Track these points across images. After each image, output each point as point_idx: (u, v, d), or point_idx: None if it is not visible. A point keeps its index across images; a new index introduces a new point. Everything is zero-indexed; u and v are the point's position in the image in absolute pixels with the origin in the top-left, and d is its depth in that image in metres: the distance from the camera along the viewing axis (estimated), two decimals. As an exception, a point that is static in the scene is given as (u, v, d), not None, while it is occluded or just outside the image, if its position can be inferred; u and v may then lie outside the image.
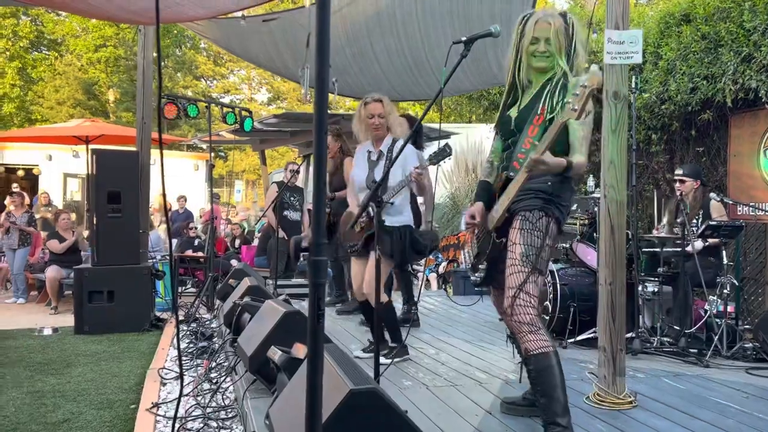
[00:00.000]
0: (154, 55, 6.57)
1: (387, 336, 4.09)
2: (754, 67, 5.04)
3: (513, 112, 2.73)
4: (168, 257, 7.93)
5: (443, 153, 3.61)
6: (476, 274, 2.85)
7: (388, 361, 3.82)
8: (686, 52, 5.69)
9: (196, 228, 9.57)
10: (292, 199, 7.52)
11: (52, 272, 7.49)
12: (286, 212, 7.41)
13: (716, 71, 5.37)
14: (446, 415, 3.03)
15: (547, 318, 4.80)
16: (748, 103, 5.37)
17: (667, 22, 6.12)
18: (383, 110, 4.03)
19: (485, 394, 3.40)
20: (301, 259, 6.92)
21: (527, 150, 2.52)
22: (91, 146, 9.16)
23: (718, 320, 4.54)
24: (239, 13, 5.73)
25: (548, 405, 2.46)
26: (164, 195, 2.38)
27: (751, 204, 5.30)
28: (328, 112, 1.19)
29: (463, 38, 2.60)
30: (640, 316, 4.78)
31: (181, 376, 2.31)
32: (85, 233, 8.97)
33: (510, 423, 2.91)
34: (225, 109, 6.67)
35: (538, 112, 2.57)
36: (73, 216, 9.48)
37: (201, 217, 12.93)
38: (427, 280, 9.25)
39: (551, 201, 2.58)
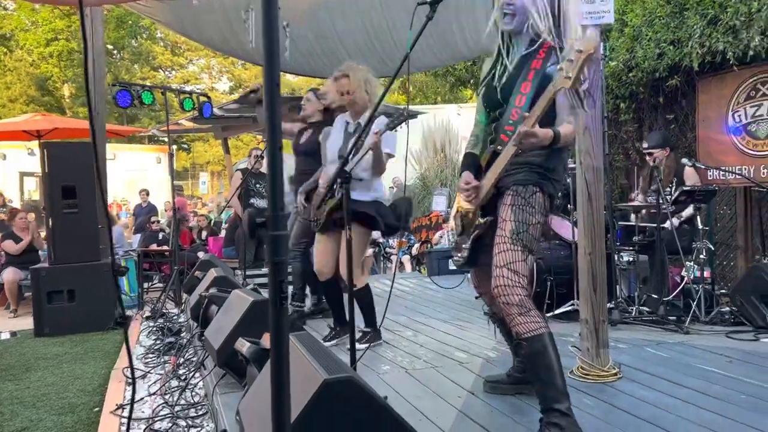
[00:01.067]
0: (105, 41, 6.25)
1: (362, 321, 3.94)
2: (720, 29, 4.97)
3: (498, 81, 2.53)
4: (132, 252, 7.66)
5: (399, 118, 3.48)
6: (458, 255, 2.68)
7: (365, 346, 3.68)
8: (651, 18, 5.61)
9: (159, 221, 9.25)
10: (258, 186, 7.28)
11: (9, 274, 7.17)
12: (252, 200, 7.19)
13: (682, 35, 5.30)
14: (428, 398, 2.91)
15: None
16: (715, 67, 5.32)
17: (631, -12, 6.04)
18: (350, 86, 3.84)
19: (466, 374, 3.29)
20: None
21: (515, 122, 2.33)
22: (43, 141, 8.78)
23: (695, 286, 4.50)
24: (192, -7, 5.46)
25: (545, 391, 2.28)
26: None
27: (722, 168, 5.27)
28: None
29: (428, -1, 2.43)
30: (618, 286, 4.72)
31: (133, 381, 2.13)
32: (43, 232, 8.61)
33: (494, 402, 2.79)
34: (182, 96, 6.40)
35: (526, 78, 2.38)
36: (32, 216, 9.09)
37: (166, 210, 12.61)
38: (401, 262, 9.13)
39: (545, 176, 2.41)
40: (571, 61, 2.06)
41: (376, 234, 9.37)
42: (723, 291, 5.00)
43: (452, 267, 7.62)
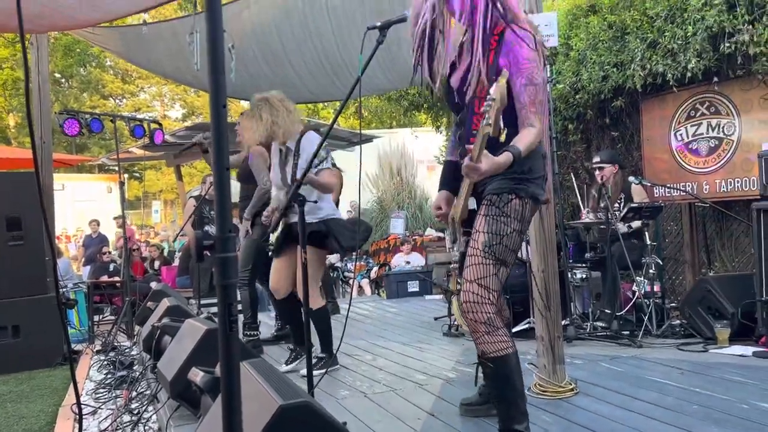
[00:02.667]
0: (51, 69, 6.11)
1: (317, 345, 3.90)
2: (659, 53, 5.19)
3: (453, 80, 2.39)
4: (80, 285, 7.41)
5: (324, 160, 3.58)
6: (452, 265, 2.60)
7: (321, 372, 3.63)
8: (595, 42, 5.81)
9: (110, 252, 9.01)
10: (212, 213, 7.17)
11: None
12: (207, 227, 7.07)
13: (625, 58, 5.50)
14: (387, 421, 2.88)
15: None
16: (657, 88, 5.53)
17: (575, 13, 6.25)
18: (262, 122, 3.81)
19: (426, 395, 3.27)
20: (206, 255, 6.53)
21: (477, 131, 2.12)
22: (-14, 172, 8.49)
23: (646, 301, 4.61)
24: (141, 19, 5.41)
25: (507, 410, 2.27)
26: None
27: (667, 185, 5.45)
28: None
29: (378, 23, 2.46)
30: (572, 303, 4.80)
31: (80, 418, 2.05)
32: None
33: (454, 423, 2.79)
34: (132, 122, 6.29)
35: (477, 95, 2.24)
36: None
37: (117, 240, 12.29)
38: (360, 286, 9.10)
39: (520, 179, 2.25)
40: (489, 107, 1.97)
41: (334, 258, 9.36)
42: (673, 305, 5.14)
43: (411, 289, 7.66)
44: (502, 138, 2.06)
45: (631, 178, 5.00)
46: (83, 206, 17.27)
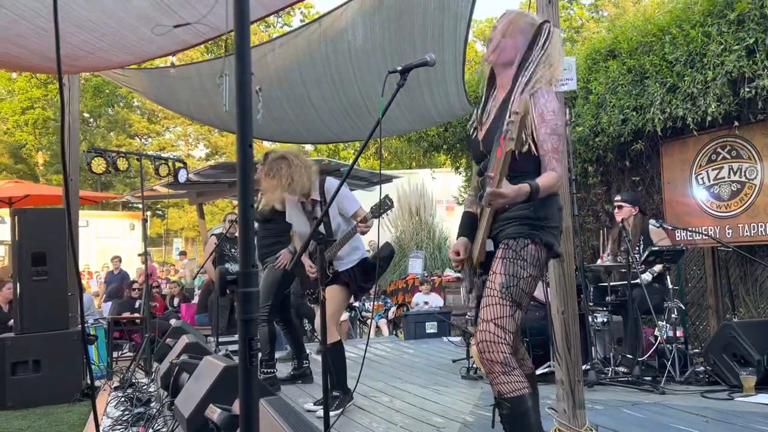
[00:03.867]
0: (81, 109, 6.30)
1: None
2: (679, 97, 5.21)
3: (480, 134, 2.52)
4: (101, 321, 7.47)
5: (385, 206, 3.60)
6: (469, 314, 2.64)
7: (339, 411, 3.61)
8: (614, 86, 5.86)
9: (139, 289, 9.00)
10: (233, 250, 7.24)
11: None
12: (227, 265, 7.13)
13: (644, 102, 5.53)
14: (404, 465, 2.84)
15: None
16: (677, 131, 5.54)
17: (594, 58, 6.32)
18: (282, 179, 3.88)
19: (444, 439, 3.22)
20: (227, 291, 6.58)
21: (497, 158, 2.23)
22: (14, 208, 8.67)
23: (669, 346, 4.53)
24: (169, 62, 5.58)
25: None
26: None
27: (689, 229, 5.40)
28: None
29: (399, 67, 2.52)
30: (593, 347, 4.73)
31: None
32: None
33: (472, 468, 2.74)
34: (157, 161, 6.43)
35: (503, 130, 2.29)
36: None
37: (139, 277, 12.39)
38: (377, 326, 9.05)
39: (537, 226, 2.31)
40: (512, 122, 2.06)
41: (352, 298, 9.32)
42: (696, 351, 5.04)
43: (429, 330, 7.59)
44: (517, 167, 2.16)
45: (652, 221, 4.98)
46: (106, 243, 17.51)
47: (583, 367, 4.25)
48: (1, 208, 10.32)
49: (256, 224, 5.04)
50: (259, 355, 4.70)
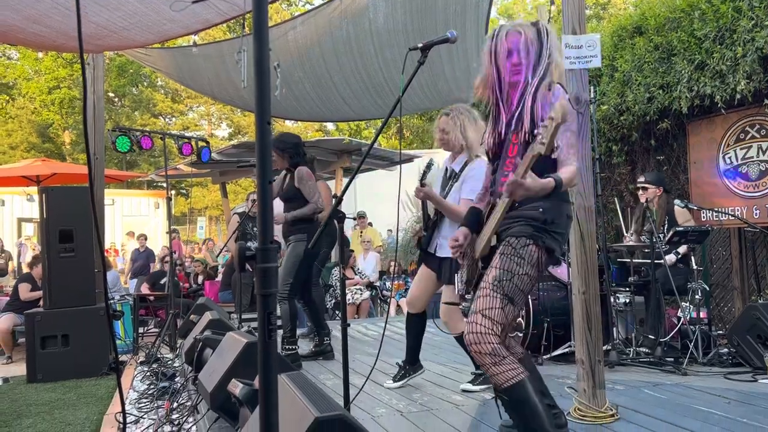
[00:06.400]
0: (106, 88, 6.36)
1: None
2: (707, 74, 5.10)
3: (494, 133, 2.57)
4: (127, 297, 7.61)
5: (428, 168, 3.58)
6: (463, 304, 2.67)
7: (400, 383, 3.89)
8: (641, 63, 5.75)
9: (165, 262, 9.11)
10: (255, 229, 7.31)
11: (4, 322, 7.07)
12: (249, 243, 7.19)
13: (671, 80, 5.42)
14: (423, 441, 2.87)
15: (521, 335, 4.70)
16: (704, 110, 5.43)
17: (620, 35, 6.19)
18: (446, 125, 3.81)
19: (462, 416, 3.25)
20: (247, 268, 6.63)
21: (509, 173, 2.32)
22: (42, 186, 8.83)
23: (692, 327, 4.49)
24: (191, 41, 5.60)
25: None
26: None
27: (715, 210, 5.32)
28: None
29: (420, 44, 2.51)
30: (614, 328, 4.71)
31: (124, 427, 2.11)
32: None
33: (490, 445, 2.76)
34: (180, 141, 6.49)
35: (518, 129, 2.41)
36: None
37: (164, 255, 12.57)
38: (398, 305, 9.09)
39: (543, 229, 2.36)
40: (545, 127, 2.09)
41: (373, 277, 9.38)
42: (720, 332, 4.99)
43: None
44: (553, 155, 2.19)
45: (677, 201, 4.90)
46: (131, 221, 17.78)
47: (605, 347, 4.24)
48: (30, 186, 10.52)
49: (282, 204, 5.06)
50: (280, 331, 4.77)
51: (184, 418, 3.59)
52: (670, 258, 4.78)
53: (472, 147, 3.75)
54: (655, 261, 4.64)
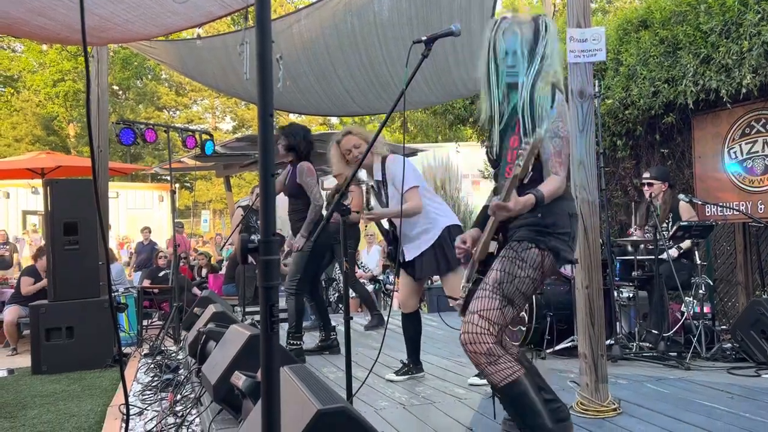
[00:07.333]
0: (110, 81, 6.37)
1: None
2: (713, 68, 5.07)
3: (494, 137, 2.51)
4: (131, 290, 7.63)
5: (367, 204, 3.72)
6: (456, 302, 2.65)
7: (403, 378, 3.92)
8: (646, 57, 5.71)
9: (166, 256, 9.16)
10: (259, 222, 7.32)
11: (8, 314, 7.11)
12: (253, 237, 7.20)
13: (676, 74, 5.39)
14: (425, 434, 2.88)
15: (524, 329, 4.70)
16: (710, 104, 5.40)
17: (626, 28, 6.16)
18: (354, 141, 4.02)
19: (465, 410, 3.26)
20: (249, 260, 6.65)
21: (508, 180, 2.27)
22: (46, 178, 8.85)
23: (695, 322, 4.48)
24: (195, 33, 5.59)
25: None
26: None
27: (719, 204, 5.30)
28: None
29: (423, 37, 2.50)
30: (618, 322, 4.70)
31: (127, 418, 2.11)
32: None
33: (493, 439, 2.76)
34: (184, 134, 6.49)
35: (515, 132, 2.38)
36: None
37: (167, 248, 12.61)
38: (401, 299, 9.09)
39: (543, 232, 2.34)
40: (525, 150, 2.07)
41: (377, 271, 9.39)
42: (724, 327, 4.98)
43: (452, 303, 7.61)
44: (525, 180, 2.16)
45: (681, 196, 4.89)
46: (135, 214, 17.81)
47: (608, 341, 4.24)
48: (35, 179, 10.55)
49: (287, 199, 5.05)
50: (285, 326, 4.78)
51: (187, 410, 3.61)
52: (672, 252, 4.77)
53: (377, 148, 3.89)
54: (659, 256, 4.63)
